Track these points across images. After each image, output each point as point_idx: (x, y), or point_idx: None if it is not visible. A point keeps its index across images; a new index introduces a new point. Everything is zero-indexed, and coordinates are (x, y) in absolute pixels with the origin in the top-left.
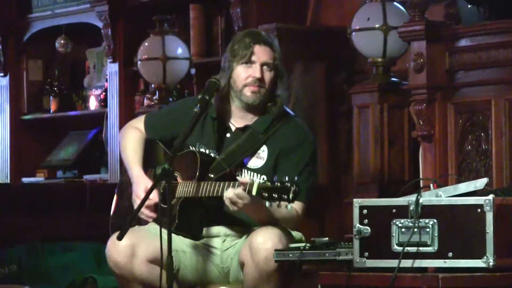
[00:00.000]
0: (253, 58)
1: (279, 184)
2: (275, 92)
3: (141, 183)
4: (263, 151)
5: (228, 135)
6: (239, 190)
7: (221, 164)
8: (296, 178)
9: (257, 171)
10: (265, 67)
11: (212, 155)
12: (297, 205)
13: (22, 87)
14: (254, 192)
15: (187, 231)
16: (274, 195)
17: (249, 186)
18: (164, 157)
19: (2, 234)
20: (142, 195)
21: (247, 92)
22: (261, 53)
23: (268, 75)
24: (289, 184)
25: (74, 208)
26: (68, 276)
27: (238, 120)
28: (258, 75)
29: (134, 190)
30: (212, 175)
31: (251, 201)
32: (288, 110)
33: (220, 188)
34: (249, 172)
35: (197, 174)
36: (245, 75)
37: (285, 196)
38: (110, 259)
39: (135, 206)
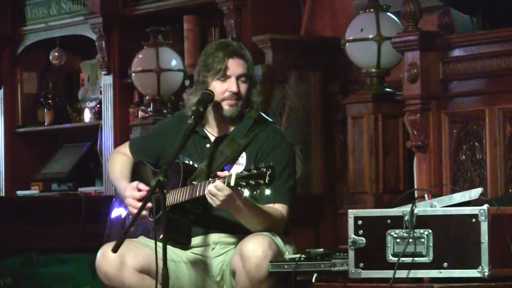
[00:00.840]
0: (228, 72)
1: (255, 170)
2: (251, 99)
3: (128, 187)
4: (242, 157)
5: (208, 145)
6: (218, 182)
7: (204, 171)
8: (271, 163)
9: None
10: (240, 79)
11: (196, 165)
12: (279, 207)
13: (17, 99)
14: (232, 183)
15: (176, 240)
16: (251, 181)
17: (227, 178)
18: (152, 174)
19: None
20: (131, 193)
21: (225, 105)
22: (235, 66)
23: (244, 87)
24: (264, 169)
25: (69, 221)
26: None
27: (216, 130)
28: (234, 89)
29: (124, 196)
30: (195, 183)
31: (231, 194)
32: (265, 116)
33: (201, 187)
34: None
35: (181, 181)
36: (221, 90)
37: (261, 181)
38: (100, 270)
39: (130, 208)
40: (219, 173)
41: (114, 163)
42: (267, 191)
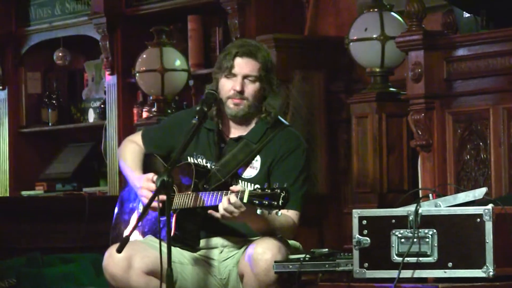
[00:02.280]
0: (234, 70)
1: (269, 190)
2: (264, 102)
3: (141, 178)
4: (256, 161)
5: (222, 145)
6: (234, 198)
7: (216, 174)
8: (285, 185)
9: (251, 180)
10: (247, 79)
11: (208, 165)
12: (292, 214)
13: (21, 100)
14: (245, 200)
15: (185, 243)
16: (264, 202)
17: (240, 193)
18: (162, 170)
19: (2, 246)
20: (146, 184)
21: (230, 104)
22: (242, 65)
23: (251, 87)
24: (278, 191)
25: (73, 221)
26: None
27: (232, 130)
28: (238, 88)
29: (137, 187)
30: (207, 186)
31: (246, 211)
32: (282, 119)
33: (213, 198)
34: (243, 182)
35: (192, 185)
36: (227, 87)
37: (275, 203)
38: (107, 272)
39: (143, 199)
40: (232, 187)
41: (125, 152)
42: (279, 213)
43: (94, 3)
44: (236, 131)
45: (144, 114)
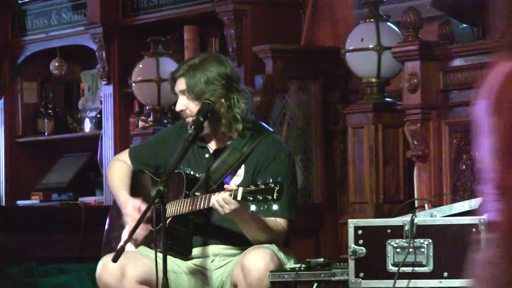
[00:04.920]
0: (175, 90)
1: (262, 186)
2: (230, 113)
3: (128, 203)
4: (241, 168)
5: (206, 155)
6: (225, 195)
7: (206, 182)
8: (279, 178)
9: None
10: (183, 96)
11: (197, 175)
12: (281, 220)
13: (17, 109)
14: (239, 197)
15: (177, 250)
16: (258, 196)
17: (234, 192)
18: (152, 183)
19: None
20: (132, 213)
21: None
22: (177, 84)
23: (187, 103)
24: (272, 185)
25: (69, 231)
26: None
27: (214, 142)
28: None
29: (123, 212)
30: (198, 193)
31: (238, 208)
32: (265, 125)
33: (207, 200)
34: None
35: (183, 193)
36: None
37: (269, 197)
38: (101, 281)
39: (128, 227)
40: (226, 186)
41: (113, 171)
42: (275, 206)
43: (90, 13)
44: (219, 142)
45: (140, 124)
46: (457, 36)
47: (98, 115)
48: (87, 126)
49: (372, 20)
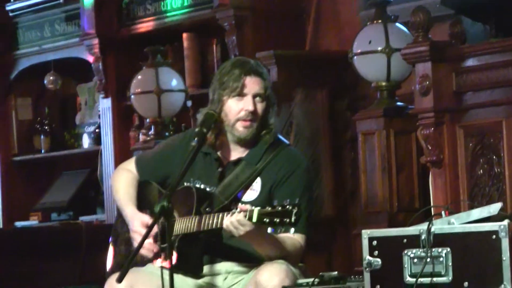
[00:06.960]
0: (245, 90)
1: (279, 208)
2: (267, 122)
3: (136, 219)
4: (256, 183)
5: (220, 169)
6: (240, 216)
7: (218, 198)
8: (296, 200)
9: (252, 203)
10: (257, 98)
11: (208, 189)
12: (298, 237)
13: (12, 127)
14: (254, 219)
15: (187, 269)
16: (275, 219)
17: (249, 212)
18: (159, 196)
19: None
20: (140, 229)
21: (240, 127)
22: (252, 84)
23: (260, 106)
24: (290, 207)
25: (70, 252)
26: None
27: (230, 153)
28: (251, 108)
29: (130, 228)
30: (209, 209)
31: (253, 229)
32: (282, 138)
33: (220, 219)
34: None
35: (194, 209)
36: (237, 109)
37: (287, 220)
38: None
39: (135, 243)
40: (240, 206)
41: (119, 182)
42: (292, 230)
43: (85, 24)
44: (234, 153)
45: (141, 138)
46: (469, 35)
47: (97, 130)
48: (86, 141)
49: (379, 21)
